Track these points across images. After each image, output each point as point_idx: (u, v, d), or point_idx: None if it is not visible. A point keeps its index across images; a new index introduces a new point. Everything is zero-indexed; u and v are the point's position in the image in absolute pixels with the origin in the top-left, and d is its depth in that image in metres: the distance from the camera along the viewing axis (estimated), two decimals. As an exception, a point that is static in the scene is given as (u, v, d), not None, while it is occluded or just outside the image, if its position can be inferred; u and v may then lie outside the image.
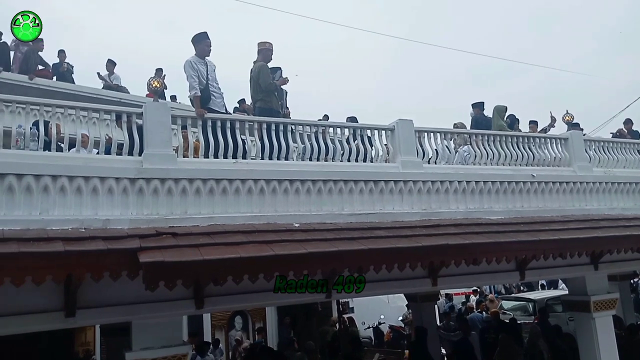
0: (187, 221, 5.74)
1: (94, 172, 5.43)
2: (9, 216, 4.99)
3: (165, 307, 5.46)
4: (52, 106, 5.83)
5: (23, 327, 5.20)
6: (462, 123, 9.85)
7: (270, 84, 7.50)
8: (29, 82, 10.12)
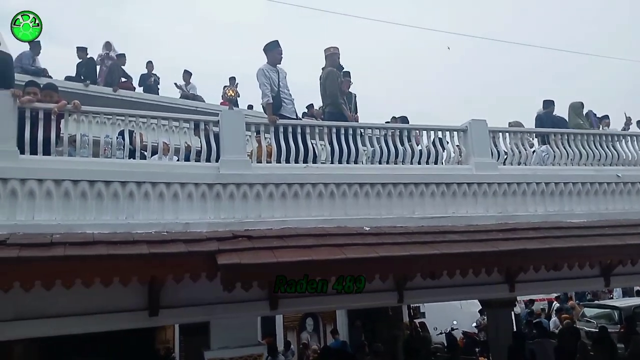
0: (261, 224, 5.89)
1: (175, 178, 5.71)
2: (98, 220, 5.34)
3: (242, 307, 5.65)
4: (135, 116, 6.21)
5: (111, 325, 5.55)
6: (517, 122, 9.37)
7: (336, 89, 7.55)
8: (113, 94, 10.82)
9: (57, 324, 5.19)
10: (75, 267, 4.53)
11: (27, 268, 4.38)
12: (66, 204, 5.24)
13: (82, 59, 11.54)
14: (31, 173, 5.14)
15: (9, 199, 5.04)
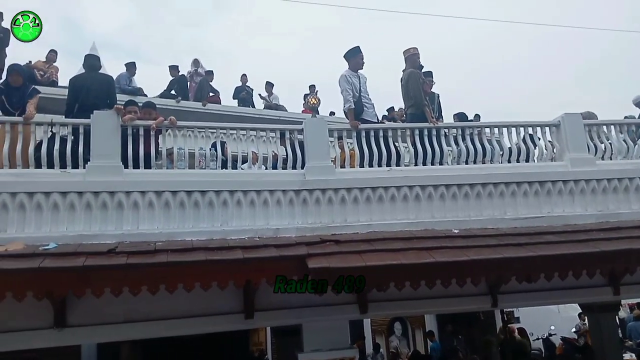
0: (347, 229, 5.96)
1: (264, 186, 5.92)
2: (195, 228, 5.66)
3: (332, 311, 5.73)
4: (225, 129, 6.52)
5: (210, 327, 5.85)
6: (590, 112, 8.60)
7: (419, 91, 7.46)
8: (202, 108, 11.41)
9: (161, 326, 5.54)
10: (177, 273, 4.82)
11: (134, 274, 4.73)
12: (166, 214, 5.60)
13: (174, 76, 12.28)
14: (135, 186, 5.55)
15: (116, 210, 5.47)
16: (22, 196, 5.18)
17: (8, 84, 6.08)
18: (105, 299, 4.83)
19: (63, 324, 5.17)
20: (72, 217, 5.28)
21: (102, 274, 4.64)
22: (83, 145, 5.59)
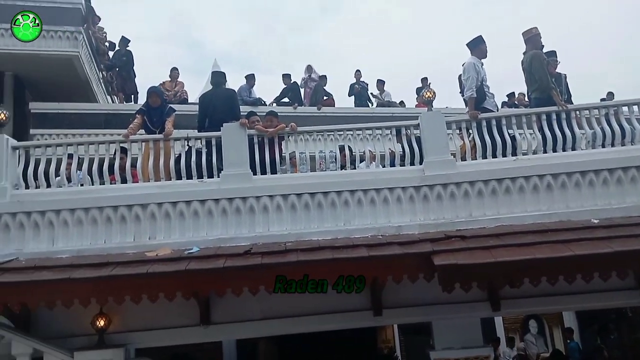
0: (473, 223, 5.78)
1: (383, 184, 5.95)
2: (320, 228, 5.85)
3: (462, 308, 5.60)
4: (342, 130, 6.66)
5: (340, 324, 6.03)
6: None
7: (544, 72, 6.99)
8: (318, 112, 11.73)
9: (295, 322, 5.82)
10: (307, 271, 5.04)
11: (269, 273, 5.03)
12: (293, 215, 5.86)
13: (287, 84, 12.78)
14: (263, 191, 5.88)
15: (248, 214, 5.84)
16: (167, 206, 5.74)
17: (148, 105, 6.78)
18: (244, 297, 5.19)
19: (208, 322, 5.64)
20: (210, 222, 5.74)
21: (240, 273, 4.98)
22: (216, 156, 6.04)
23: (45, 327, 5.45)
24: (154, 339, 5.68)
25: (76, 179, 5.96)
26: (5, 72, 10.16)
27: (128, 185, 5.94)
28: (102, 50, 12.05)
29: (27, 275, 4.86)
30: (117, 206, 5.64)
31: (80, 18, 10.22)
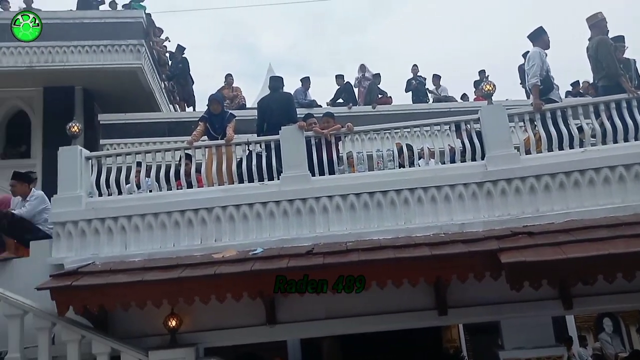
0: (540, 219, 5.57)
1: (444, 181, 5.84)
2: (381, 227, 5.81)
3: (532, 307, 5.41)
4: (399, 128, 6.60)
5: (404, 324, 5.97)
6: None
7: (612, 59, 6.65)
8: (373, 111, 11.68)
9: (358, 322, 5.81)
10: (369, 270, 5.04)
11: (331, 273, 5.06)
12: (353, 215, 5.87)
13: (340, 85, 12.80)
14: (322, 191, 5.92)
15: (308, 215, 5.90)
16: (231, 209, 5.90)
17: (210, 112, 7.01)
18: (308, 297, 5.25)
19: (273, 321, 5.74)
20: (272, 224, 5.85)
21: (303, 273, 5.05)
22: (275, 159, 6.16)
23: (121, 328, 5.72)
24: (223, 339, 5.84)
25: (145, 186, 6.24)
26: (76, 86, 10.81)
27: (193, 190, 6.16)
28: (163, 60, 12.57)
29: (104, 278, 5.13)
30: (184, 210, 5.85)
31: (141, 31, 10.71)
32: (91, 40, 10.20)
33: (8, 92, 10.71)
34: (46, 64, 10.07)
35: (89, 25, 10.42)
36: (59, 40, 10.10)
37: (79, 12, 10.94)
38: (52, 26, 10.23)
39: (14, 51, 10.01)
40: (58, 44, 10.09)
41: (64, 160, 6.02)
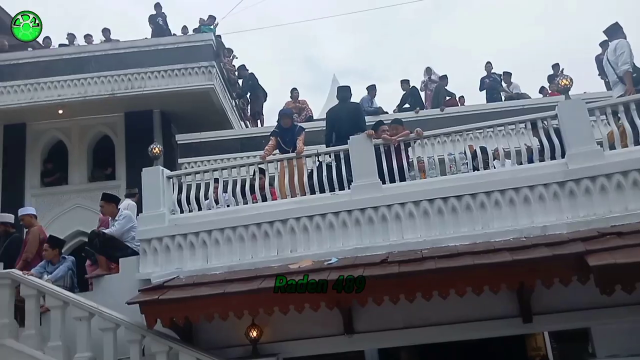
0: (629, 218, 5.25)
1: (522, 182, 5.63)
2: (457, 233, 5.68)
3: (626, 312, 5.07)
4: (471, 130, 6.44)
5: (485, 332, 5.77)
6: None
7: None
8: (441, 114, 11.45)
9: (437, 331, 5.70)
10: (447, 278, 4.94)
11: (408, 281, 5.01)
12: (427, 222, 5.78)
13: (406, 90, 12.66)
14: (394, 199, 5.88)
15: (381, 223, 5.87)
16: (304, 220, 5.99)
17: (280, 126, 7.19)
18: (385, 306, 5.21)
19: (351, 331, 5.75)
20: (345, 233, 5.89)
21: (379, 282, 5.02)
22: (345, 168, 6.19)
23: (205, 339, 5.94)
24: (302, 349, 5.91)
25: (223, 201, 6.48)
26: (154, 110, 11.45)
27: (268, 203, 6.32)
28: (233, 79, 13.04)
29: (188, 291, 5.37)
30: (260, 223, 6.02)
31: (212, 53, 11.18)
32: (166, 65, 10.79)
33: (93, 119, 11.54)
34: (126, 90, 10.76)
35: (163, 51, 11.02)
36: (137, 68, 10.76)
37: (154, 39, 11.60)
38: (130, 55, 10.99)
39: (97, 81, 10.78)
40: (136, 71, 10.75)
41: (147, 180, 6.39)
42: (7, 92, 10.74)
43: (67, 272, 6.52)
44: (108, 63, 10.90)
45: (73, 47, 11.73)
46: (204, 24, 12.81)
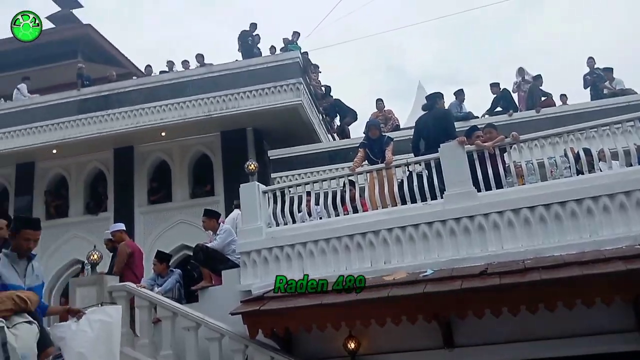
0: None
1: (634, 186, 5.23)
2: (562, 242, 5.37)
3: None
4: (573, 131, 6.07)
5: (597, 348, 5.33)
6: None
7: None
8: (537, 115, 10.86)
9: (544, 346, 5.36)
10: (553, 290, 4.68)
11: (510, 294, 4.82)
12: (528, 231, 5.52)
13: (497, 93, 12.15)
14: (491, 207, 5.67)
15: (478, 233, 5.68)
16: (397, 230, 5.95)
17: (369, 137, 7.22)
18: (487, 319, 5.02)
19: (451, 344, 5.59)
20: (440, 244, 5.77)
21: (479, 295, 4.88)
22: (437, 177, 6.08)
23: (305, 349, 6.05)
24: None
25: (315, 213, 6.62)
26: (247, 128, 11.96)
27: (359, 215, 6.36)
28: (320, 94, 13.30)
29: (287, 302, 5.52)
30: (353, 234, 6.06)
31: (298, 70, 11.50)
32: (257, 84, 11.25)
33: (193, 139, 12.27)
34: (222, 111, 11.34)
35: (254, 71, 11.51)
36: (231, 89, 11.33)
37: (244, 61, 12.15)
38: (224, 77, 11.59)
39: (195, 103, 11.47)
40: (230, 92, 11.32)
41: (244, 196, 6.69)
42: (115, 118, 11.74)
43: (175, 285, 6.98)
44: (204, 86, 11.56)
45: (172, 73, 12.57)
46: (289, 43, 13.21)
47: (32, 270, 3.73)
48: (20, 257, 3.67)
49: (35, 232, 3.73)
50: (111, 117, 11.76)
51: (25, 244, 3.63)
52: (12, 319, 3.19)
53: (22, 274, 3.63)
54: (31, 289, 3.62)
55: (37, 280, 3.75)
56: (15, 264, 3.63)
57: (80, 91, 12.29)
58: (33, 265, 3.79)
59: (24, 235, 3.62)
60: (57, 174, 12.98)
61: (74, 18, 20.35)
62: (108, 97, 11.98)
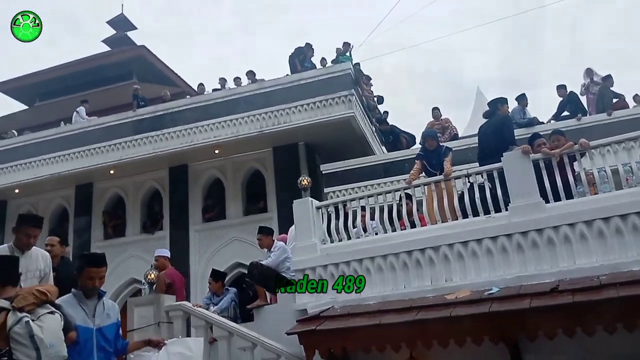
0: None
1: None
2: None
3: None
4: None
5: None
6: None
7: None
8: (609, 119, 10.15)
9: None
10: (634, 308, 4.26)
11: (584, 312, 4.46)
12: (602, 244, 5.11)
13: (563, 96, 11.50)
14: (561, 219, 5.30)
15: (547, 247, 5.31)
16: (458, 246, 5.65)
17: (425, 149, 6.96)
18: (559, 340, 4.64)
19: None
20: (506, 259, 5.42)
21: (550, 314, 4.54)
22: (500, 189, 5.74)
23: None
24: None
25: (371, 229, 6.40)
26: (299, 142, 11.91)
27: (417, 230, 6.10)
28: (372, 105, 13.09)
29: (344, 322, 5.34)
30: (411, 251, 5.82)
31: (350, 82, 11.35)
32: (308, 98, 11.18)
33: (245, 155, 12.35)
34: (274, 126, 11.34)
35: (305, 85, 11.44)
36: (282, 104, 11.32)
37: (295, 75, 12.11)
38: (275, 92, 11.60)
39: (248, 120, 11.53)
40: (281, 107, 11.30)
41: (298, 211, 6.57)
42: (170, 137, 11.97)
43: (231, 303, 6.92)
44: (256, 102, 11.61)
45: (224, 91, 12.69)
46: (340, 54, 13.07)
47: (102, 309, 3.65)
48: (87, 297, 3.62)
49: (98, 269, 3.63)
50: (166, 136, 12.01)
51: (90, 282, 3.58)
52: (36, 312, 3.20)
53: (92, 313, 3.56)
54: (101, 329, 3.58)
55: (109, 319, 3.67)
56: (83, 303, 3.58)
57: (135, 112, 12.66)
58: (104, 304, 3.72)
59: (88, 273, 3.58)
60: (115, 194, 13.39)
61: (129, 40, 21.23)
62: (162, 116, 12.26)
